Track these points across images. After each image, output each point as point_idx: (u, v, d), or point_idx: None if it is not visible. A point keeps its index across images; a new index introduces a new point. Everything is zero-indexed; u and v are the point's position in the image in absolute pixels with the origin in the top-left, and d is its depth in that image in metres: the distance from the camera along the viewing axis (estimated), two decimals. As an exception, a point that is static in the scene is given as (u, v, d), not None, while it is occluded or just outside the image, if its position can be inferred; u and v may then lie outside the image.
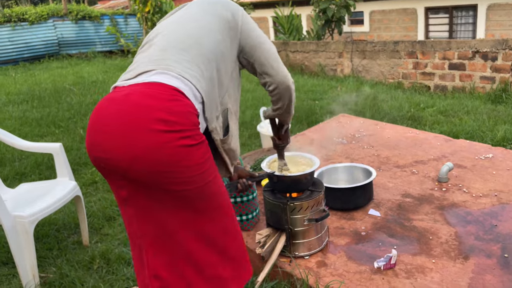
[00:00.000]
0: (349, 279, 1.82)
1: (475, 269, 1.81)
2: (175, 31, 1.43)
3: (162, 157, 1.18)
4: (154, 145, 1.17)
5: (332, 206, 2.33)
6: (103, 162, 1.25)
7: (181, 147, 1.19)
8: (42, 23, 11.74)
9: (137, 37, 12.03)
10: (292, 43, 8.44)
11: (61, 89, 7.51)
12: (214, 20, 1.46)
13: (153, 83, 1.26)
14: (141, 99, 1.21)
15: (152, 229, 1.30)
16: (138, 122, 1.18)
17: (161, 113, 1.18)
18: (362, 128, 3.74)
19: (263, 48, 1.53)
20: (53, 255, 2.52)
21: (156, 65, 1.31)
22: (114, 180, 1.30)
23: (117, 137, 1.19)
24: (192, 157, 1.22)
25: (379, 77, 7.11)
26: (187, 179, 1.23)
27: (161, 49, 1.37)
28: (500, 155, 2.93)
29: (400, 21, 11.26)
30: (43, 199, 2.34)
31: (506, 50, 5.62)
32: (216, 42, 1.43)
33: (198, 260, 1.32)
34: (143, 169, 1.19)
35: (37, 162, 4.01)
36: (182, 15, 1.51)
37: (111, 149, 1.20)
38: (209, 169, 1.29)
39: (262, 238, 1.98)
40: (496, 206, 2.28)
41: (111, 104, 1.25)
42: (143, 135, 1.17)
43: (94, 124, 1.26)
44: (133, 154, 1.18)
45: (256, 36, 1.54)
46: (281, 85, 1.57)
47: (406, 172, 2.80)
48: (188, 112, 1.23)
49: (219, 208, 1.34)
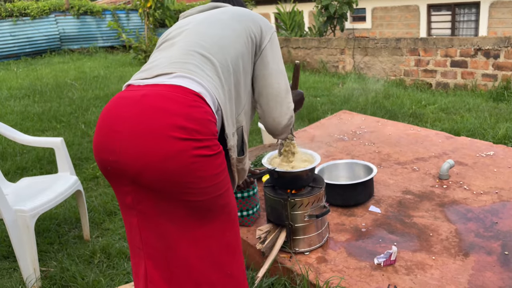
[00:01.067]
0: (349, 275, 1.83)
1: (475, 266, 1.81)
2: (201, 34, 1.35)
3: (176, 166, 1.10)
4: (169, 153, 1.09)
5: (332, 202, 2.34)
6: (110, 165, 1.17)
7: (197, 156, 1.12)
8: (44, 18, 11.74)
9: (139, 32, 12.02)
10: (294, 39, 8.42)
11: (63, 84, 7.52)
12: (242, 32, 1.39)
13: (173, 86, 1.17)
14: (159, 102, 1.13)
15: (155, 241, 1.23)
16: (154, 126, 1.10)
17: (180, 119, 1.11)
18: (363, 125, 3.74)
19: (271, 81, 1.44)
20: (54, 249, 2.53)
21: (176, 68, 1.23)
22: (119, 185, 1.23)
23: (129, 140, 1.12)
24: (208, 168, 1.15)
25: (381, 74, 7.09)
26: (200, 190, 1.16)
27: (183, 52, 1.29)
28: (502, 152, 2.93)
29: (402, 18, 11.23)
30: (44, 193, 2.35)
31: (508, 47, 5.60)
32: (240, 54, 1.36)
33: (198, 277, 1.25)
34: (154, 177, 1.12)
35: (38, 157, 4.02)
36: (212, 19, 1.42)
37: (121, 152, 1.13)
38: (223, 180, 1.22)
39: (263, 234, 1.99)
40: (496, 204, 2.28)
41: (126, 104, 1.17)
42: (158, 141, 1.09)
43: (105, 124, 1.18)
44: (145, 160, 1.10)
45: (272, 66, 1.44)
46: (268, 127, 1.52)
47: (407, 169, 2.80)
48: (208, 120, 1.16)
49: (227, 221, 1.27)
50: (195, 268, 1.23)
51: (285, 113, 1.49)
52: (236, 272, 1.32)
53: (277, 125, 1.51)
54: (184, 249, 1.22)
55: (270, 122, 1.50)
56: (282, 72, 1.48)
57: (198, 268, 1.24)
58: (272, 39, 1.46)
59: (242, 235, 2.19)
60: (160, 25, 11.83)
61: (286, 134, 1.61)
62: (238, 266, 1.33)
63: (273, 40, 1.47)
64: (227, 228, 1.27)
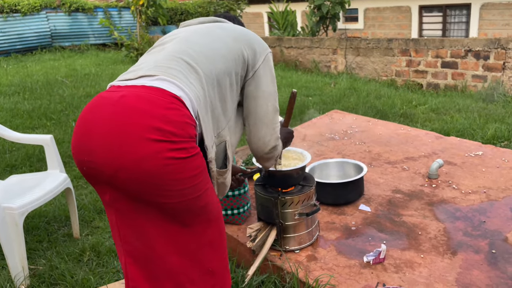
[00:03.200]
0: (338, 273, 1.84)
1: (463, 264, 1.83)
2: (191, 43, 1.35)
3: (150, 167, 1.09)
4: (143, 155, 1.08)
5: (323, 201, 2.35)
6: (86, 165, 1.17)
7: (172, 159, 1.11)
8: (34, 15, 11.63)
9: (131, 30, 11.95)
10: (286, 39, 8.44)
11: (53, 81, 7.46)
12: (235, 50, 1.39)
13: (153, 88, 1.17)
14: (136, 103, 1.13)
15: (133, 238, 1.23)
16: (130, 127, 1.09)
17: (155, 120, 1.10)
18: (355, 124, 3.76)
19: (260, 102, 1.45)
20: (43, 247, 2.51)
21: (159, 71, 1.23)
22: (97, 184, 1.23)
23: (105, 141, 1.11)
24: (184, 170, 1.14)
25: (373, 75, 7.13)
26: (177, 192, 1.15)
27: (169, 57, 1.29)
28: (490, 152, 2.96)
29: (394, 19, 11.30)
30: (33, 191, 2.33)
31: (498, 49, 5.66)
32: (228, 71, 1.35)
33: (178, 275, 1.24)
34: (129, 179, 1.11)
35: (28, 154, 3.98)
36: (207, 31, 1.43)
37: (96, 153, 1.12)
38: (201, 182, 1.21)
39: (253, 232, 1.99)
40: (484, 203, 2.31)
41: (104, 104, 1.17)
42: (133, 142, 1.09)
43: (82, 124, 1.18)
44: (119, 162, 1.10)
45: (263, 87, 1.45)
46: (253, 150, 1.52)
47: (397, 168, 2.82)
48: (185, 122, 1.15)
49: (208, 221, 1.26)
50: (174, 265, 1.23)
51: (270, 134, 1.50)
52: (218, 268, 1.31)
53: (262, 146, 1.51)
54: (162, 248, 1.21)
55: (255, 141, 1.51)
56: (273, 94, 1.48)
57: (177, 265, 1.23)
58: (266, 61, 1.47)
59: (233, 233, 2.19)
60: (153, 23, 11.80)
61: (272, 162, 1.61)
62: (220, 262, 1.32)
63: (267, 62, 1.47)
64: (207, 227, 1.26)
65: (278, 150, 1.58)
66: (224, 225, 1.35)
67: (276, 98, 1.51)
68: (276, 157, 1.61)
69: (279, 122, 1.59)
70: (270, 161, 1.60)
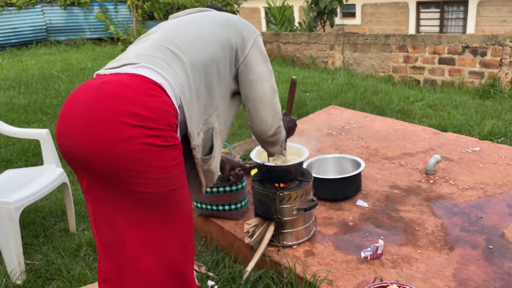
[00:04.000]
0: (336, 268, 1.84)
1: (460, 259, 1.84)
2: (176, 33, 1.35)
3: (125, 152, 1.08)
4: (119, 138, 1.07)
5: (321, 196, 2.34)
6: (66, 149, 1.17)
7: (149, 145, 1.10)
8: (30, 8, 11.53)
9: (127, 24, 11.87)
10: (284, 34, 8.41)
11: (49, 75, 7.41)
12: (221, 37, 1.38)
13: (134, 74, 1.18)
14: (115, 88, 1.13)
15: (106, 230, 1.21)
16: (107, 112, 1.09)
17: (134, 106, 1.10)
18: (352, 120, 3.76)
19: (256, 86, 1.45)
20: (39, 242, 2.50)
21: (142, 59, 1.23)
22: (76, 170, 1.21)
23: (82, 125, 1.11)
24: (161, 159, 1.12)
25: (370, 70, 7.13)
26: (151, 180, 1.13)
27: (153, 46, 1.30)
28: (487, 148, 2.97)
29: (391, 15, 11.28)
30: (29, 185, 2.31)
31: (495, 45, 5.67)
32: (215, 58, 1.35)
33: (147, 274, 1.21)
34: (103, 163, 1.10)
35: (24, 149, 3.95)
36: (192, 20, 1.43)
37: (74, 137, 1.12)
38: (177, 175, 1.19)
39: (251, 228, 1.99)
40: (482, 199, 2.31)
41: (85, 90, 1.17)
42: (110, 127, 1.08)
43: (64, 109, 1.19)
44: (94, 145, 1.09)
45: (256, 71, 1.45)
46: (256, 133, 1.52)
47: (395, 164, 2.82)
48: (164, 110, 1.14)
49: (181, 220, 1.23)
50: (145, 263, 1.19)
51: (272, 115, 1.49)
52: (187, 274, 1.28)
53: (265, 128, 1.50)
54: (134, 245, 1.18)
55: (257, 124, 1.50)
56: (267, 75, 1.48)
57: (147, 265, 1.20)
58: (255, 44, 1.46)
59: (230, 229, 2.18)
60: (149, 17, 11.72)
61: (277, 147, 1.60)
62: (190, 268, 1.29)
63: (257, 44, 1.47)
64: (181, 228, 1.24)
65: (282, 133, 1.57)
66: (193, 232, 1.31)
67: (272, 78, 1.50)
68: (281, 142, 1.60)
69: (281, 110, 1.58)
70: (276, 146, 1.60)
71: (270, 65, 1.51)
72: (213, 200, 2.23)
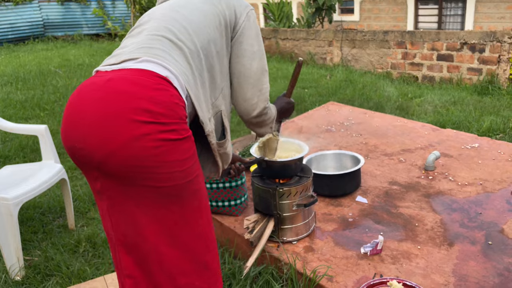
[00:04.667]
0: (335, 264, 1.84)
1: (459, 255, 1.84)
2: (170, 19, 1.32)
3: (140, 150, 1.07)
4: (133, 137, 1.06)
5: (320, 192, 2.34)
6: (77, 152, 1.14)
7: (163, 140, 1.09)
8: (27, 4, 11.47)
9: (125, 20, 11.83)
10: (282, 30, 8.39)
11: (46, 71, 7.38)
12: (213, 16, 1.35)
13: (138, 70, 1.15)
14: (123, 86, 1.11)
15: (124, 227, 1.20)
16: (118, 111, 1.07)
17: (144, 102, 1.08)
18: (351, 116, 3.75)
19: (243, 61, 1.42)
20: (38, 239, 2.49)
21: (143, 53, 1.21)
22: (88, 171, 1.20)
23: (93, 126, 1.09)
24: (175, 152, 1.12)
25: (368, 67, 7.12)
26: (166, 175, 1.13)
27: (150, 37, 1.27)
28: (486, 145, 2.97)
29: (390, 11, 11.27)
30: (28, 181, 2.30)
31: (493, 42, 5.67)
32: (211, 38, 1.32)
33: (170, 266, 1.21)
34: (119, 163, 1.09)
35: (22, 145, 3.94)
36: (182, 3, 1.39)
37: (86, 139, 1.10)
38: (192, 166, 1.18)
39: (251, 224, 1.98)
40: (481, 195, 2.32)
41: (90, 90, 1.14)
42: (122, 126, 1.06)
43: (70, 111, 1.15)
44: (109, 146, 1.07)
45: (245, 46, 1.41)
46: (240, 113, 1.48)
47: (394, 160, 2.82)
48: (174, 103, 1.13)
49: (198, 210, 1.23)
50: (166, 257, 1.20)
51: (257, 96, 1.45)
52: (210, 262, 1.28)
53: (249, 107, 1.46)
54: (154, 237, 1.19)
55: (241, 102, 1.46)
56: (257, 52, 1.44)
57: (170, 257, 1.20)
58: (247, 18, 1.42)
59: (230, 225, 2.18)
60: (147, 13, 11.65)
61: (265, 128, 1.57)
62: (212, 256, 1.29)
63: (249, 19, 1.43)
64: (199, 217, 1.24)
65: (269, 115, 1.54)
66: (211, 219, 1.32)
67: (263, 58, 1.47)
68: (269, 123, 1.57)
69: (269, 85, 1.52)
70: (263, 128, 1.57)
71: (262, 42, 1.47)
72: (212, 196, 2.23)
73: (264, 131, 1.60)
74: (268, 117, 1.54)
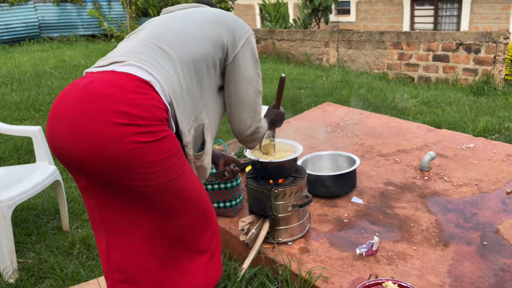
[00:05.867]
0: (331, 265, 1.83)
1: (455, 256, 1.84)
2: (166, 29, 1.34)
3: (117, 151, 1.08)
4: (109, 139, 1.08)
5: (316, 193, 2.34)
6: (58, 151, 1.16)
7: (139, 142, 1.10)
8: (22, 5, 11.41)
9: (121, 21, 11.80)
10: (278, 31, 8.39)
11: (42, 72, 7.34)
12: (212, 34, 1.37)
13: (121, 73, 1.17)
14: (102, 88, 1.12)
15: (115, 218, 1.23)
16: (96, 112, 1.09)
17: (121, 104, 1.09)
18: (347, 117, 3.75)
19: (241, 86, 1.44)
20: (32, 241, 2.47)
21: (130, 57, 1.23)
22: (71, 170, 1.22)
23: (72, 127, 1.10)
24: (153, 153, 1.13)
25: (365, 67, 7.13)
26: (149, 174, 1.14)
27: (142, 43, 1.29)
28: (481, 145, 2.97)
29: (386, 12, 11.29)
30: (22, 183, 2.29)
31: (489, 43, 5.68)
32: (205, 55, 1.34)
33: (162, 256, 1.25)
34: (97, 164, 1.10)
35: (16, 146, 3.91)
36: (183, 16, 1.41)
37: (65, 139, 1.12)
38: (176, 163, 1.20)
39: (246, 225, 1.97)
40: (476, 195, 2.32)
41: (73, 91, 1.16)
42: (98, 127, 1.08)
43: (53, 110, 1.17)
44: (86, 147, 1.09)
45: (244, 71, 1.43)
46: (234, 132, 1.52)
47: (389, 160, 2.82)
48: (153, 106, 1.14)
49: (188, 206, 1.26)
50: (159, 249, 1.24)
51: (251, 116, 1.49)
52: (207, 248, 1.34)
53: (243, 128, 1.50)
54: (146, 226, 1.22)
55: (236, 124, 1.51)
56: (254, 77, 1.47)
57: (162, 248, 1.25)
58: (247, 43, 1.44)
59: (225, 226, 2.17)
60: (143, 14, 11.65)
61: (255, 143, 1.61)
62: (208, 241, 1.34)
63: (248, 44, 1.45)
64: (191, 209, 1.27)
65: (260, 132, 1.58)
66: (212, 207, 1.36)
67: (259, 81, 1.50)
68: (260, 139, 1.61)
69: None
70: (253, 143, 1.61)
71: (259, 66, 1.50)
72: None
73: (254, 145, 1.64)
74: (260, 134, 1.59)
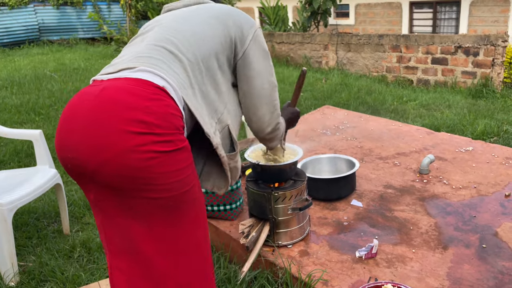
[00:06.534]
0: (331, 268, 1.84)
1: (454, 258, 1.85)
2: (172, 30, 1.30)
3: (134, 161, 1.05)
4: (126, 148, 1.04)
5: (315, 196, 2.35)
6: (69, 162, 1.12)
7: (157, 152, 1.06)
8: (22, 8, 11.45)
9: (121, 24, 11.82)
10: (277, 34, 8.42)
11: (42, 75, 7.36)
12: (219, 31, 1.33)
13: (134, 79, 1.13)
14: (117, 95, 1.08)
15: (118, 239, 1.18)
16: (111, 120, 1.05)
17: (138, 112, 1.06)
18: (346, 120, 3.77)
19: (254, 82, 1.39)
20: (33, 244, 2.48)
21: (140, 62, 1.19)
22: (81, 182, 1.18)
23: (86, 136, 1.07)
24: (169, 163, 1.10)
25: (364, 70, 7.15)
26: (164, 186, 1.10)
27: (150, 47, 1.25)
28: (480, 148, 2.99)
29: (385, 15, 11.33)
30: (22, 186, 2.30)
31: (487, 45, 5.71)
32: (214, 53, 1.30)
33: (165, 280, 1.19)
34: (112, 173, 1.07)
35: (16, 150, 3.92)
36: (188, 15, 1.36)
37: (78, 149, 1.08)
38: (189, 176, 1.16)
39: (246, 229, 1.98)
40: (475, 198, 2.33)
41: (85, 99, 1.12)
42: (114, 136, 1.05)
43: (64, 121, 1.14)
44: (101, 156, 1.05)
45: (255, 66, 1.39)
46: (254, 131, 1.48)
47: (389, 163, 2.83)
48: (169, 113, 1.11)
49: (195, 220, 1.21)
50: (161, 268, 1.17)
51: (270, 112, 1.45)
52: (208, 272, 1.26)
53: (263, 125, 1.46)
54: (149, 248, 1.16)
55: (255, 121, 1.46)
56: (267, 70, 1.42)
57: (164, 268, 1.17)
58: (255, 38, 1.40)
59: (225, 229, 2.18)
60: (143, 17, 11.67)
61: (276, 142, 1.57)
62: (209, 266, 1.28)
63: (257, 38, 1.41)
64: (196, 227, 1.21)
65: (280, 129, 1.54)
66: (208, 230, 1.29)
67: (272, 73, 1.46)
68: (280, 137, 1.57)
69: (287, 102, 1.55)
70: (274, 141, 1.57)
71: (270, 59, 1.46)
72: (208, 200, 2.23)
73: (276, 144, 1.60)
74: (280, 131, 1.55)
